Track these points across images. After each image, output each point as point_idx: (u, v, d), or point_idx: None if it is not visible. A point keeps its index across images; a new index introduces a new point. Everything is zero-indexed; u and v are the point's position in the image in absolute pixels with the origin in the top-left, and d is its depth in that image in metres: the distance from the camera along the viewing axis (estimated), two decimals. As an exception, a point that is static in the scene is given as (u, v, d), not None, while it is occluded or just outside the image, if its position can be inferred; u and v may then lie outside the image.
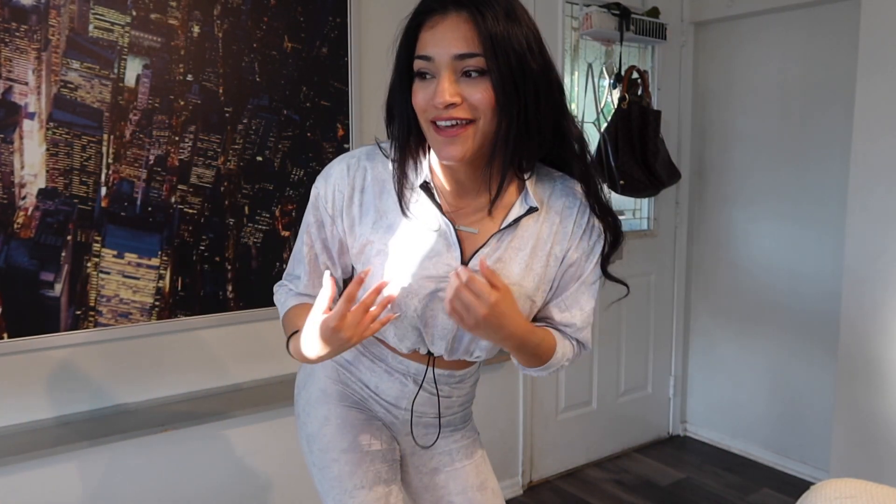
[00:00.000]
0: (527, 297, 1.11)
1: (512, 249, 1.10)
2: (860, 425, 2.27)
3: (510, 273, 1.09)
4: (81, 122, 1.72)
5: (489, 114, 0.98)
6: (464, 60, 0.97)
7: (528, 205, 1.09)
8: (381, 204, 1.11)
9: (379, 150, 1.13)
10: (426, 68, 0.99)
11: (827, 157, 2.68)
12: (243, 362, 2.03)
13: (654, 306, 3.14)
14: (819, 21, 2.67)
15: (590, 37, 2.71)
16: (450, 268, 1.08)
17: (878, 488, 1.07)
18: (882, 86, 2.15)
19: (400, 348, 1.17)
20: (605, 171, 2.68)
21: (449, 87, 0.96)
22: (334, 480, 1.22)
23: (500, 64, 0.96)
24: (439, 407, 1.25)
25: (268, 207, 2.02)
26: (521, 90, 0.98)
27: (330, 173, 1.14)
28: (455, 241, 1.08)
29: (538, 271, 1.11)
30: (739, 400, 3.05)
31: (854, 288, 2.26)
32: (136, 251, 1.83)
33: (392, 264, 1.08)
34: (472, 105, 0.98)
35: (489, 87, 0.97)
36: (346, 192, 1.12)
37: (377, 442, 1.24)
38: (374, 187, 1.12)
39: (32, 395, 1.73)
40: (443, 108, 0.97)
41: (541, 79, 1.00)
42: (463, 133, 0.98)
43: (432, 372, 1.20)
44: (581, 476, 2.86)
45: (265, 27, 1.96)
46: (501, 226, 1.09)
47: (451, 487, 1.28)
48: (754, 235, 2.95)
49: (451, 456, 1.29)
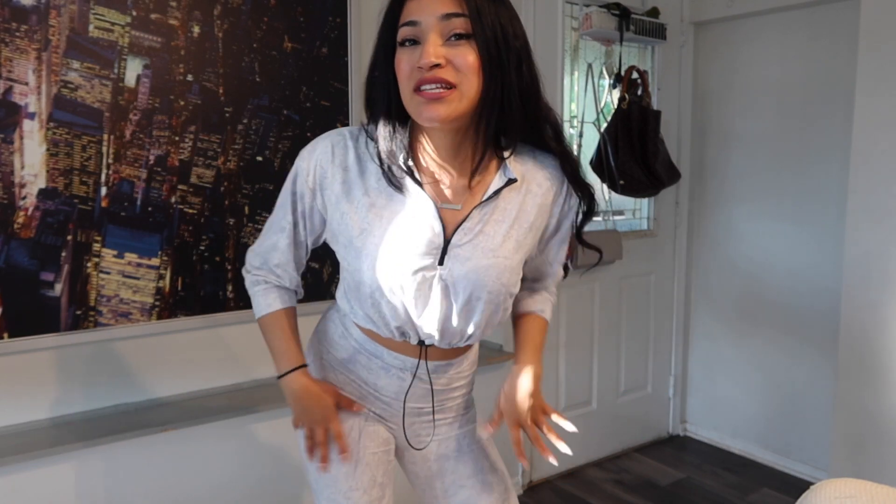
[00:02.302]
0: (511, 269, 1.12)
1: (494, 222, 1.11)
2: (860, 425, 2.27)
3: (493, 245, 1.10)
4: (81, 122, 1.72)
5: (472, 77, 1.00)
6: (450, 21, 0.98)
7: (508, 177, 1.10)
8: (364, 182, 1.11)
9: (364, 131, 1.14)
10: (412, 34, 1.00)
11: (827, 157, 2.68)
12: (243, 362, 2.03)
13: (654, 306, 3.14)
14: (819, 21, 2.67)
15: (590, 37, 2.71)
16: (433, 244, 1.09)
17: (877, 488, 1.07)
18: (882, 86, 2.15)
19: (390, 333, 1.16)
20: (605, 171, 2.68)
21: (435, 49, 0.98)
22: (329, 480, 1.23)
23: (484, 27, 0.99)
24: (433, 402, 1.25)
25: (268, 207, 2.02)
26: (503, 59, 1.01)
27: (314, 149, 1.15)
28: (437, 216, 1.09)
29: (520, 240, 1.13)
30: (739, 400, 3.05)
31: (854, 287, 2.26)
32: (137, 251, 1.83)
33: (375, 242, 1.09)
34: (455, 67, 0.99)
35: (473, 50, 0.99)
36: (328, 168, 1.13)
37: (373, 444, 1.25)
38: (356, 166, 1.12)
39: (32, 395, 1.73)
40: (428, 69, 0.98)
41: (522, 53, 1.03)
42: (447, 96, 0.99)
43: (425, 364, 1.20)
44: (581, 476, 2.86)
45: (265, 27, 1.96)
46: (482, 198, 1.10)
47: (462, 471, 1.29)
48: (754, 235, 2.95)
49: (458, 442, 1.30)
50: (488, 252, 1.10)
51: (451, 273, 1.09)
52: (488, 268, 1.09)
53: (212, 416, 1.89)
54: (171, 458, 1.88)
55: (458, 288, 1.10)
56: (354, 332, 1.21)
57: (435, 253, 1.09)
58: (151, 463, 1.85)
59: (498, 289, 1.11)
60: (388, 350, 1.19)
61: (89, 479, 1.77)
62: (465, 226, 1.10)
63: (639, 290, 3.07)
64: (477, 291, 1.10)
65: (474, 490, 1.28)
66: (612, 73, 2.79)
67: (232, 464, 1.98)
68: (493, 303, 1.13)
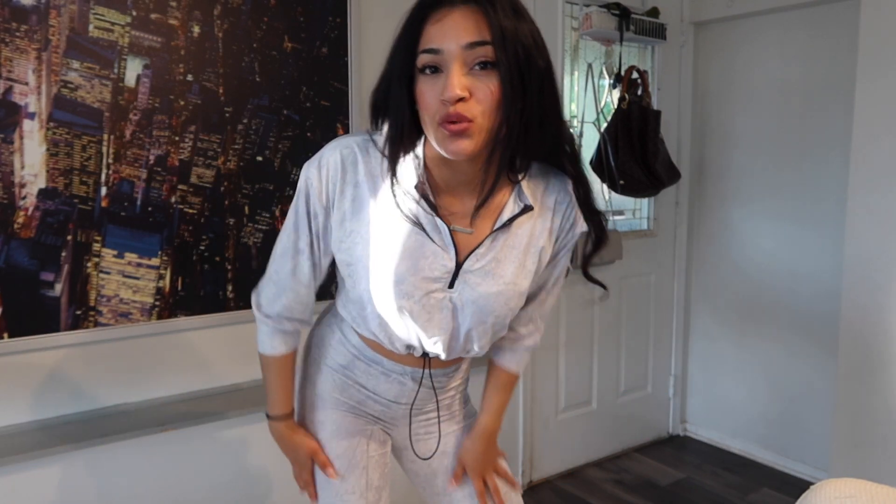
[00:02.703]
0: (520, 294, 1.12)
1: (507, 248, 1.09)
2: (860, 425, 2.27)
3: (505, 272, 1.09)
4: (81, 122, 1.72)
5: (493, 110, 0.96)
6: (474, 50, 0.93)
7: (523, 203, 1.08)
8: (375, 201, 1.08)
9: (372, 143, 1.09)
10: (433, 62, 0.96)
11: (827, 157, 2.68)
12: (243, 362, 2.03)
13: (654, 306, 3.14)
14: (819, 21, 2.67)
15: (590, 37, 2.71)
16: (445, 269, 1.07)
17: (878, 488, 1.07)
18: (882, 86, 2.15)
19: (394, 348, 1.16)
20: (605, 171, 2.68)
21: (459, 80, 0.93)
22: (326, 483, 1.23)
23: (508, 55, 0.94)
24: (438, 410, 1.26)
25: (268, 207, 2.02)
26: (526, 85, 0.96)
27: (323, 163, 1.10)
28: (450, 241, 1.07)
29: (530, 268, 1.12)
30: (739, 400, 3.05)
31: (854, 288, 2.26)
32: (137, 251, 1.83)
33: (386, 264, 1.07)
34: (478, 101, 0.95)
35: (496, 81, 0.95)
36: (338, 184, 1.08)
37: (371, 448, 1.25)
38: (367, 182, 1.08)
39: (32, 395, 1.73)
40: (452, 102, 0.94)
41: (545, 76, 0.99)
42: (470, 129, 0.96)
43: (429, 375, 1.20)
44: (581, 476, 2.86)
45: (265, 27, 1.96)
46: (495, 226, 1.08)
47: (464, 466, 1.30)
48: (754, 235, 2.95)
49: (456, 438, 1.31)
50: (499, 280, 1.09)
51: (460, 297, 1.09)
52: (498, 294, 1.09)
53: (212, 416, 1.89)
54: (171, 458, 1.88)
55: (467, 312, 1.10)
56: (353, 339, 1.21)
57: (446, 277, 1.08)
58: (151, 463, 1.85)
59: (505, 313, 1.12)
60: (387, 359, 1.19)
61: (89, 478, 1.77)
62: (478, 251, 1.08)
63: (639, 290, 3.07)
64: (484, 316, 1.10)
65: (474, 486, 1.29)
66: (612, 73, 2.79)
67: (232, 464, 1.98)
68: (499, 324, 1.14)
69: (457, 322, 1.11)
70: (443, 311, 1.10)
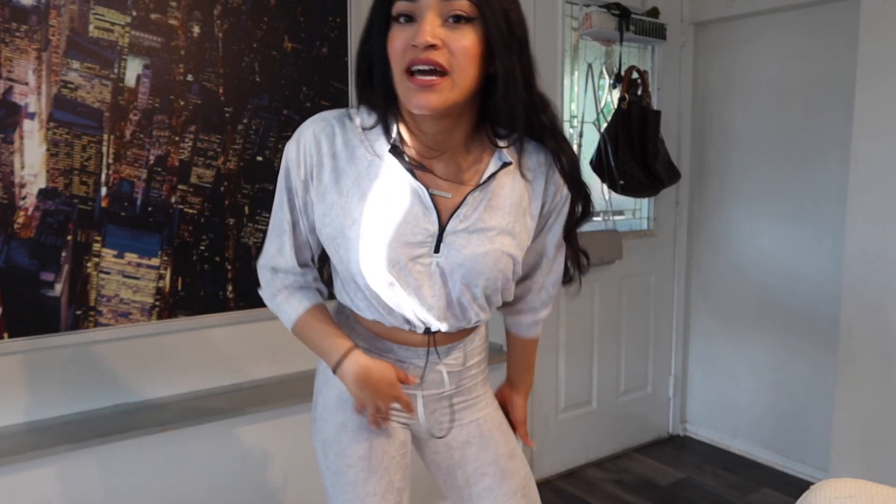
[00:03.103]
0: (508, 256, 1.11)
1: (489, 208, 1.09)
2: (860, 425, 2.27)
3: (489, 231, 1.08)
4: (81, 122, 1.72)
5: (467, 65, 0.95)
6: (451, 2, 0.93)
7: (502, 160, 1.08)
8: (353, 170, 1.07)
9: (348, 117, 1.09)
10: (408, 10, 0.95)
11: (827, 157, 2.68)
12: (243, 362, 2.03)
13: (654, 306, 3.14)
14: (819, 21, 2.67)
15: (590, 37, 2.71)
16: (427, 232, 1.06)
17: (878, 488, 1.07)
18: (882, 86, 2.15)
19: (395, 321, 1.14)
20: (605, 171, 2.68)
21: (432, 28, 0.92)
22: (347, 486, 1.21)
23: (490, 10, 0.93)
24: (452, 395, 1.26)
25: (268, 207, 2.01)
26: (504, 47, 0.95)
27: (300, 137, 1.10)
28: (431, 204, 1.06)
29: (517, 229, 1.11)
30: (739, 400, 3.05)
31: (854, 288, 2.26)
32: (137, 251, 1.83)
33: (368, 232, 1.06)
34: (451, 52, 0.94)
35: (474, 35, 0.94)
36: (315, 156, 1.08)
37: (392, 449, 1.23)
38: (345, 152, 1.08)
39: (32, 395, 1.73)
40: (422, 48, 0.92)
41: (523, 40, 0.99)
42: (438, 84, 0.94)
43: (435, 350, 1.19)
44: (581, 476, 2.86)
45: (265, 27, 1.96)
46: (477, 183, 1.08)
47: (484, 458, 1.27)
48: (754, 235, 2.95)
49: (479, 427, 1.28)
50: (484, 239, 1.08)
51: (447, 260, 1.08)
52: (485, 255, 1.08)
53: (212, 416, 1.89)
54: (171, 458, 1.88)
55: (455, 275, 1.09)
56: (361, 331, 1.20)
57: (430, 241, 1.07)
58: (151, 463, 1.85)
59: (495, 275, 1.10)
60: (397, 344, 1.18)
61: (89, 478, 1.77)
62: (460, 212, 1.07)
63: (639, 290, 3.07)
64: (474, 278, 1.09)
65: (496, 478, 1.27)
66: (612, 73, 2.79)
67: (232, 464, 1.98)
68: (491, 288, 1.12)
69: (447, 289, 1.10)
70: (431, 276, 1.08)
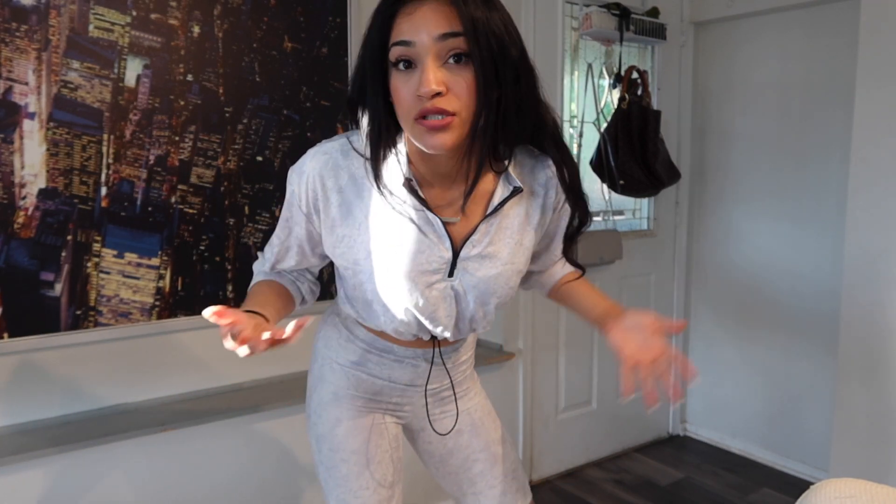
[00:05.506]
0: (519, 272, 1.14)
1: (501, 231, 1.11)
2: (860, 425, 2.27)
3: (501, 254, 1.11)
4: (81, 122, 1.72)
5: (470, 102, 0.96)
6: (446, 41, 0.93)
7: (512, 186, 1.09)
8: (363, 203, 1.09)
9: (351, 147, 1.10)
10: (406, 54, 0.95)
11: (827, 156, 2.68)
12: (243, 362, 2.02)
13: (654, 306, 3.14)
14: (819, 21, 2.67)
15: (590, 37, 2.71)
16: (442, 260, 1.09)
17: (878, 488, 1.07)
18: (882, 86, 2.15)
19: (403, 338, 1.19)
20: (605, 171, 2.68)
21: (435, 74, 0.93)
22: (341, 480, 1.23)
23: (481, 47, 0.93)
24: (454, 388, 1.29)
25: (268, 207, 2.02)
26: (501, 75, 0.96)
27: (304, 170, 1.11)
28: (444, 233, 1.08)
29: (527, 244, 1.14)
30: (739, 400, 3.05)
31: (854, 288, 2.26)
32: (137, 251, 1.83)
33: (384, 263, 1.08)
34: (456, 95, 0.95)
35: (470, 73, 0.94)
36: (320, 192, 1.09)
37: (385, 443, 1.26)
38: (352, 187, 1.09)
39: (32, 395, 1.73)
40: (429, 97, 0.93)
41: (520, 64, 0.99)
42: (449, 123, 0.95)
43: (439, 353, 1.24)
44: (581, 476, 2.86)
45: (265, 27, 1.96)
46: (487, 212, 1.09)
47: (475, 445, 1.33)
48: (754, 235, 2.95)
49: (469, 415, 1.34)
50: (497, 262, 1.11)
51: (461, 284, 1.11)
52: (498, 276, 1.11)
53: (212, 416, 1.89)
54: (171, 458, 1.88)
55: (469, 297, 1.12)
56: (360, 334, 1.23)
57: (445, 267, 1.10)
58: (151, 463, 1.85)
59: (506, 292, 1.14)
60: (398, 345, 1.22)
61: (89, 478, 1.77)
62: (473, 238, 1.09)
63: (639, 290, 3.07)
64: (487, 298, 1.13)
65: (487, 463, 1.32)
66: (612, 73, 2.78)
67: (232, 464, 1.98)
68: (502, 303, 1.16)
69: (460, 308, 1.14)
70: (446, 300, 1.12)
